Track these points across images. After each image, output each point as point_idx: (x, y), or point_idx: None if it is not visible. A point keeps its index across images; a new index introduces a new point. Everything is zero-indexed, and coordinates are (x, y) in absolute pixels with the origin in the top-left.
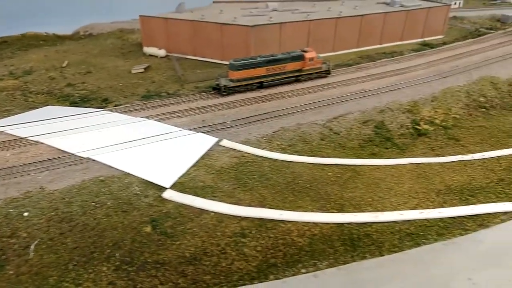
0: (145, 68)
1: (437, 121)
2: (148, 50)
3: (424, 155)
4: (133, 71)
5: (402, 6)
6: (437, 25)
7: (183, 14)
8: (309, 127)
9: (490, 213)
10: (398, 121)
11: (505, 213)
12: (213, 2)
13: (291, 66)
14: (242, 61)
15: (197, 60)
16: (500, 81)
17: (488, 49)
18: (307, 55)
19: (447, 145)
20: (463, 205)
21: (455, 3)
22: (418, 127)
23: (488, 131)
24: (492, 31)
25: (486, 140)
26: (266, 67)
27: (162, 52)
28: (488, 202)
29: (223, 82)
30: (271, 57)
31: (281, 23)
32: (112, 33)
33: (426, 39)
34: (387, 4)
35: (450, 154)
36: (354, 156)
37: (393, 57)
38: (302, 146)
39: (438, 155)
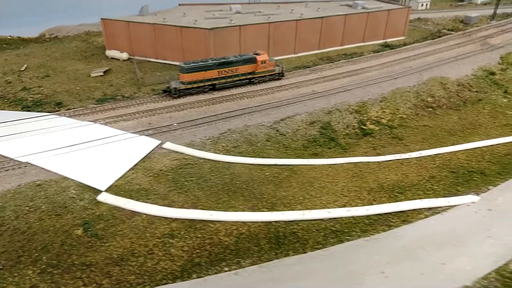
0: (104, 72)
1: (383, 121)
2: (110, 53)
3: (365, 154)
4: (92, 75)
5: (364, 8)
6: (398, 26)
7: (146, 17)
8: (256, 129)
9: (415, 209)
10: (344, 122)
11: (429, 209)
12: (179, 4)
13: (243, 68)
14: (193, 64)
15: (159, 62)
16: (449, 82)
17: (444, 50)
18: (259, 58)
19: (389, 144)
20: (391, 202)
21: (422, 5)
22: (364, 127)
23: (431, 130)
24: (452, 32)
25: (427, 139)
26: (218, 70)
27: (124, 55)
28: (415, 198)
29: (173, 84)
30: (223, 60)
31: (240, 25)
32: (78, 36)
33: (387, 40)
34: (349, 6)
35: (390, 153)
36: (295, 156)
37: (352, 58)
38: (247, 147)
39: (378, 154)
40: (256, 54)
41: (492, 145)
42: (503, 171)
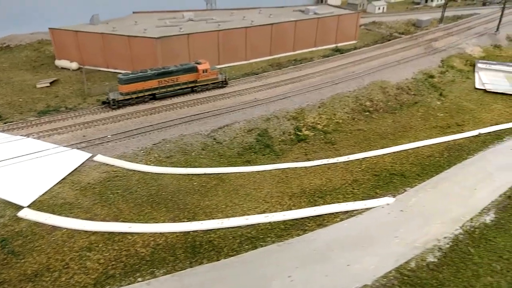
0: (51, 82)
1: (319, 126)
2: (60, 63)
3: (296, 160)
4: (38, 86)
5: (315, 14)
6: (349, 31)
7: (96, 26)
8: (192, 138)
9: (332, 213)
10: (281, 128)
11: (346, 212)
12: (133, 12)
13: (184, 78)
14: (131, 75)
15: (109, 72)
16: (389, 85)
17: (389, 53)
18: (200, 67)
19: (321, 149)
20: (310, 206)
21: (379, 8)
22: (299, 133)
23: (364, 134)
24: (402, 36)
25: (359, 143)
26: (158, 80)
27: (74, 65)
28: (334, 202)
29: (111, 96)
30: (163, 70)
31: (188, 34)
32: (30, 45)
33: (339, 44)
34: (302, 11)
35: (320, 158)
36: (227, 164)
37: (301, 64)
38: (179, 157)
39: (308, 160)
40: (197, 63)
41: (418, 147)
42: (422, 173)
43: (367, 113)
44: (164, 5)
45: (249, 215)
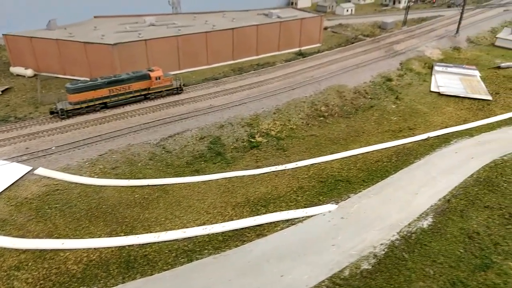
0: (3, 90)
1: (272, 132)
2: (14, 70)
3: (245, 167)
4: None
5: (278, 17)
6: (313, 34)
7: (53, 31)
8: (140, 147)
9: (272, 222)
10: (235, 136)
11: (287, 220)
12: (94, 17)
13: (136, 85)
14: (80, 84)
15: (67, 79)
16: (346, 90)
17: (350, 57)
18: (153, 74)
19: (272, 156)
20: (252, 216)
21: (347, 10)
22: (253, 140)
23: (316, 139)
24: (366, 38)
25: (310, 148)
26: (109, 88)
27: (29, 72)
28: (276, 211)
29: (60, 105)
30: (114, 78)
31: (146, 39)
32: None
33: (303, 48)
34: (266, 15)
35: (270, 165)
36: (174, 174)
37: (263, 68)
38: (125, 168)
39: (258, 167)
40: (150, 70)
41: (367, 152)
42: (368, 178)
43: (322, 118)
44: (130, 9)
45: (188, 227)
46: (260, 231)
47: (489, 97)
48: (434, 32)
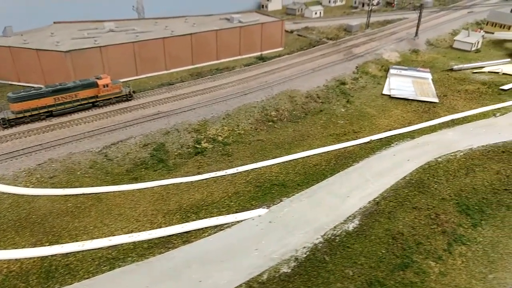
0: None
1: (220, 138)
2: None
3: (186, 174)
4: None
5: (240, 22)
6: (275, 38)
7: (8, 38)
8: (82, 156)
9: (200, 229)
10: (180, 142)
11: (215, 226)
12: (54, 22)
13: (83, 93)
14: (23, 93)
15: (22, 86)
16: (298, 94)
17: (307, 61)
18: (101, 82)
19: (216, 162)
20: (183, 223)
21: (316, 13)
22: (198, 146)
23: (262, 144)
24: (329, 41)
25: (255, 153)
26: (54, 97)
27: None
28: (206, 217)
29: (1, 115)
30: (59, 87)
31: (101, 46)
32: None
33: (265, 52)
34: (228, 20)
35: (211, 171)
36: (112, 182)
37: (221, 73)
38: (62, 177)
39: (199, 173)
40: (98, 78)
41: (308, 156)
42: (303, 182)
43: (271, 123)
44: (95, 14)
45: (115, 235)
46: (187, 237)
47: (436, 100)
48: (395, 35)
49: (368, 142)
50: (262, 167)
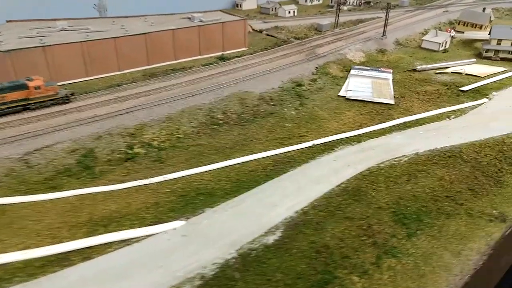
0: None
1: (155, 143)
2: None
3: (109, 182)
4: None
5: (200, 21)
6: (237, 38)
7: None
8: None
9: (106, 243)
10: (112, 147)
11: (123, 241)
12: (7, 21)
13: (12, 96)
14: None
15: None
16: (250, 96)
17: (267, 61)
18: (31, 84)
19: (145, 169)
20: (88, 237)
21: (289, 12)
22: (130, 152)
23: (201, 149)
24: (294, 41)
25: (190, 159)
26: None
27: None
28: (117, 230)
29: None
30: None
31: (44, 46)
32: None
33: (227, 52)
34: (189, 19)
35: (137, 179)
36: (25, 192)
37: (176, 73)
38: None
39: (122, 182)
40: (29, 79)
41: (246, 162)
42: (232, 190)
43: (216, 126)
44: (56, 13)
45: (6, 252)
46: (88, 253)
47: (392, 101)
48: (364, 34)
49: (311, 146)
50: (193, 174)
